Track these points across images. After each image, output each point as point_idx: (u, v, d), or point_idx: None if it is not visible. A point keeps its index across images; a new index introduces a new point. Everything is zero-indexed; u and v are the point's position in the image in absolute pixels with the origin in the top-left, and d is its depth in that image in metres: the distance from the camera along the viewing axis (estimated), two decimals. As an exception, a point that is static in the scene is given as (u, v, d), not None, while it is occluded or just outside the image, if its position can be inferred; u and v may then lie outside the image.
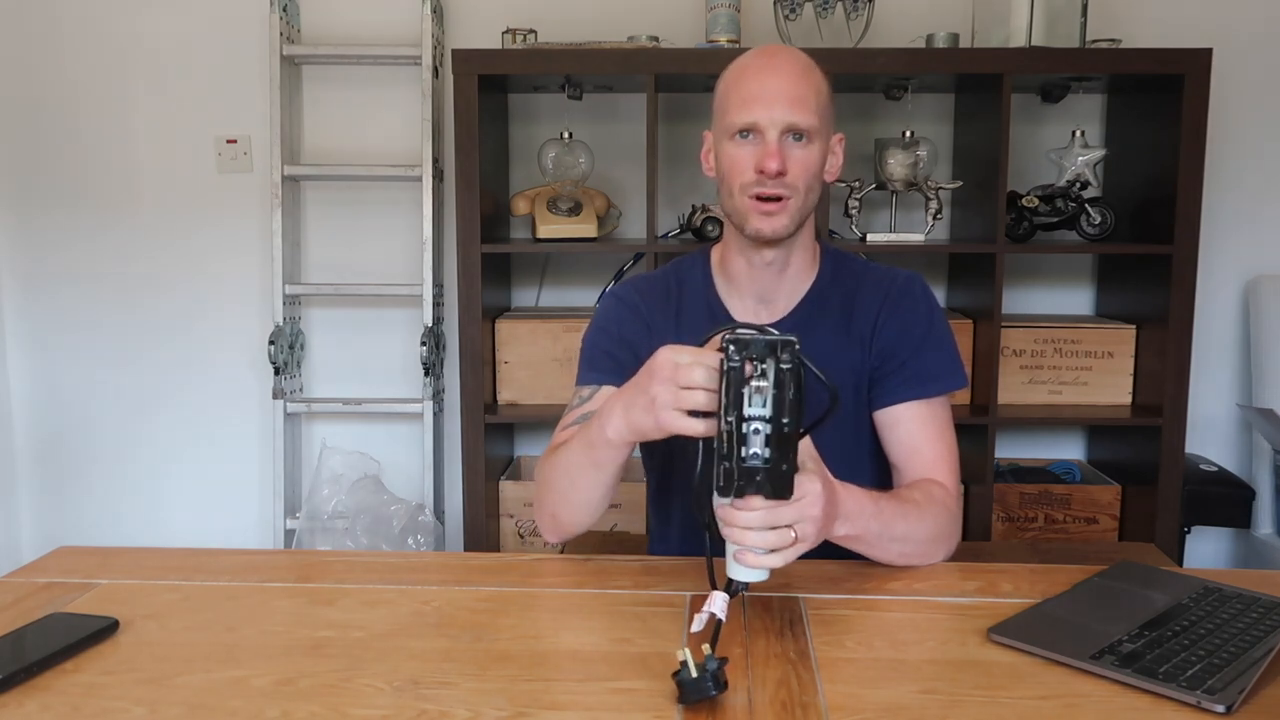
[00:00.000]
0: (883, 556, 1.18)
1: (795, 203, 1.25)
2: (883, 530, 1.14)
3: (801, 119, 1.22)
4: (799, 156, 1.23)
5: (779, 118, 1.22)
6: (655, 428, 0.98)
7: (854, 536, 1.12)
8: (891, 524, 1.15)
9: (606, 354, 1.34)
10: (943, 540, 1.22)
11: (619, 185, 2.56)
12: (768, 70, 1.24)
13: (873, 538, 1.14)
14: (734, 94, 1.25)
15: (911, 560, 1.20)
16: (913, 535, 1.18)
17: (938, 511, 1.22)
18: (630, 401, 1.03)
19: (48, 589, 1.12)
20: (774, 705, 0.86)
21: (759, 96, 1.22)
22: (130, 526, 2.78)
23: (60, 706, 0.86)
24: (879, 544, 1.16)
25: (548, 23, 2.47)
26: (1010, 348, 2.39)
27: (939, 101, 2.56)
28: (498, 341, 2.41)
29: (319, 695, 0.88)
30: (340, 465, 2.52)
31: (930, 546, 1.21)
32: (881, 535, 1.14)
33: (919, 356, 1.30)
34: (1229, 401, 2.63)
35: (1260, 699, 0.86)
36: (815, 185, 1.27)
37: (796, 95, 1.22)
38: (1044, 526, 2.42)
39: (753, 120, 1.23)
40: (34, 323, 2.73)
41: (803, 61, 1.26)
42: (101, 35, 2.62)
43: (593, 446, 1.11)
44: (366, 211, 2.67)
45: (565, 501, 1.21)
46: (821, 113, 1.25)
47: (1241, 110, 2.53)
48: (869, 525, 1.12)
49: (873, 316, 1.32)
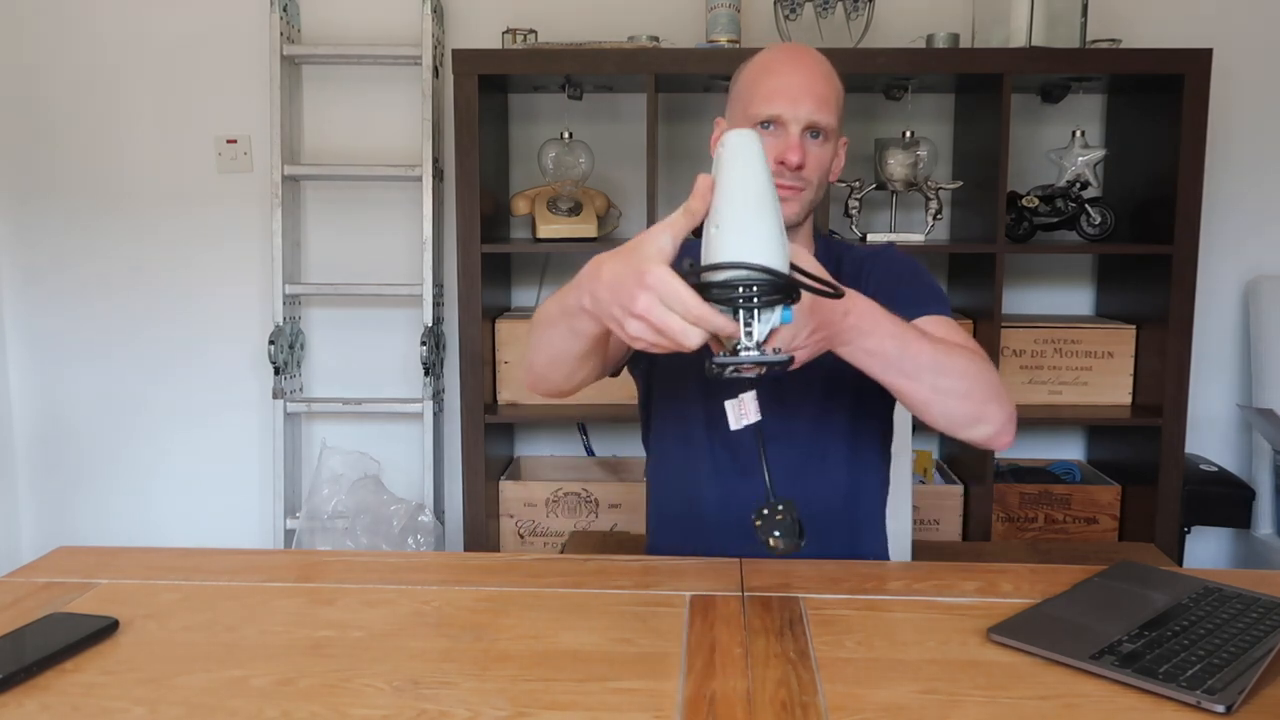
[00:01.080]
0: (916, 393, 1.10)
1: (807, 195, 1.29)
2: (903, 352, 1.06)
3: (823, 118, 1.26)
4: (816, 153, 1.28)
5: (803, 114, 1.25)
6: (621, 330, 0.94)
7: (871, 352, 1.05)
8: (915, 345, 1.07)
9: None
10: (988, 387, 1.13)
11: (619, 185, 2.56)
12: (796, 67, 1.28)
13: (894, 357, 1.06)
14: (761, 85, 1.28)
15: (957, 404, 1.12)
16: (945, 366, 1.10)
17: (972, 357, 1.14)
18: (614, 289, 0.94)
19: (47, 589, 1.12)
20: (774, 705, 0.86)
21: (785, 90, 1.26)
22: (130, 526, 2.78)
23: (60, 706, 0.86)
24: (904, 369, 1.07)
25: (548, 23, 2.47)
26: (1010, 348, 2.39)
27: (939, 101, 2.56)
28: (498, 341, 2.41)
29: (319, 695, 0.88)
30: (340, 465, 2.52)
31: (974, 386, 1.12)
32: (905, 356, 1.06)
33: (908, 289, 1.29)
34: (1229, 401, 2.63)
35: (1260, 699, 0.86)
36: (824, 182, 1.32)
37: (821, 94, 1.26)
38: (1044, 526, 2.42)
39: (777, 113, 1.26)
40: (34, 323, 2.74)
41: (826, 63, 1.31)
42: (101, 35, 2.62)
43: (569, 314, 1.06)
44: (366, 211, 2.67)
45: (540, 352, 1.16)
46: (839, 114, 1.29)
47: (1241, 110, 2.53)
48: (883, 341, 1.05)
49: (854, 281, 1.30)
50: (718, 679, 0.90)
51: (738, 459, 1.34)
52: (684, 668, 0.93)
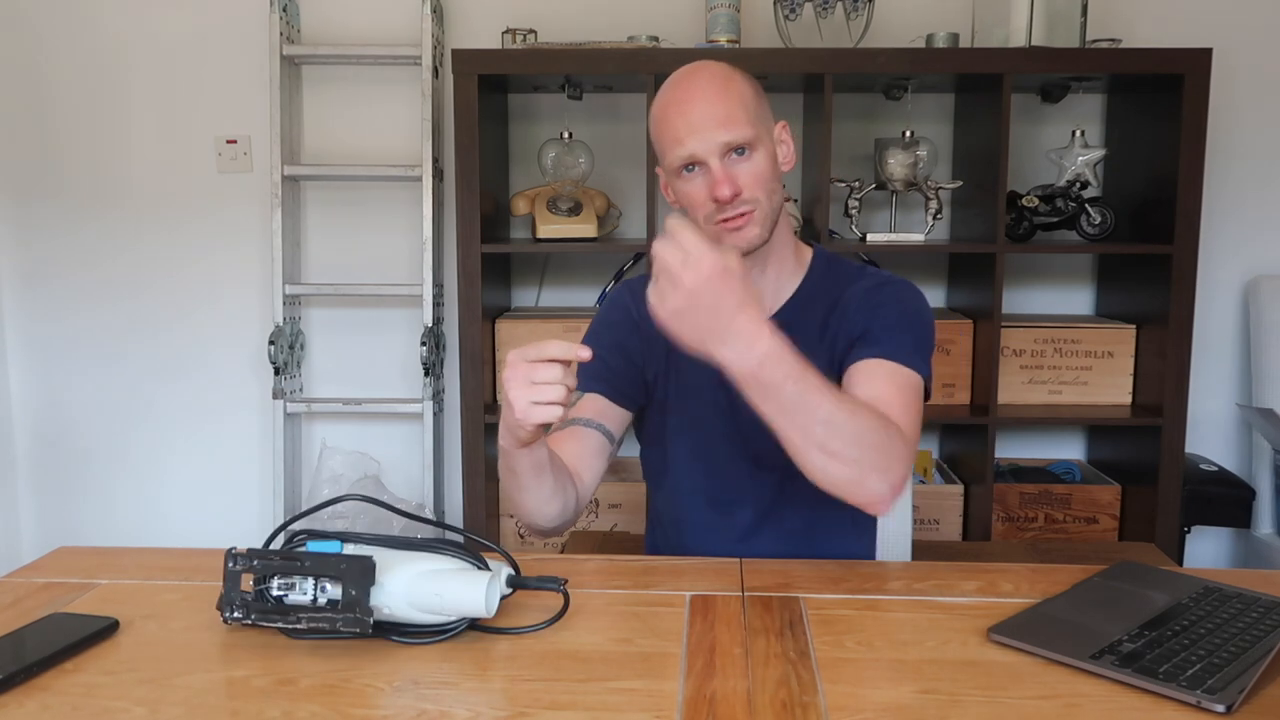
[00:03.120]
0: (800, 443, 1.05)
1: (760, 212, 1.24)
2: (801, 397, 1.02)
3: (735, 135, 1.21)
4: (746, 170, 1.23)
5: (714, 142, 1.21)
6: (520, 424, 1.05)
7: (764, 385, 1.02)
8: (814, 397, 1.03)
9: (598, 358, 1.34)
10: (880, 454, 1.08)
11: (619, 185, 2.56)
12: (686, 100, 1.23)
13: (789, 401, 1.02)
14: (665, 134, 1.25)
15: (835, 468, 1.06)
16: (841, 425, 1.05)
17: (881, 425, 1.09)
18: (504, 412, 1.09)
19: (48, 589, 1.12)
20: (774, 705, 0.86)
21: (686, 128, 1.21)
22: (130, 526, 2.78)
23: (60, 706, 0.86)
24: (796, 416, 1.03)
25: (548, 23, 2.47)
26: (1010, 348, 2.39)
27: (939, 101, 2.56)
28: (498, 341, 2.41)
29: (319, 695, 0.88)
30: (340, 465, 2.52)
31: (862, 453, 1.06)
32: (801, 404, 1.03)
33: (892, 333, 1.26)
34: (1229, 401, 2.63)
35: (1260, 699, 0.86)
36: (775, 186, 1.27)
37: (723, 113, 1.21)
38: (1044, 526, 2.42)
39: (689, 154, 1.22)
40: (34, 323, 2.74)
41: (718, 76, 1.24)
42: (101, 35, 2.62)
43: (503, 454, 1.16)
44: (366, 211, 2.67)
45: (513, 502, 1.24)
46: (754, 119, 1.23)
47: (1241, 110, 2.53)
48: (783, 379, 1.01)
49: (848, 312, 1.30)
50: (718, 679, 0.90)
51: (721, 493, 1.36)
52: (684, 668, 0.93)
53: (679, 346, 1.03)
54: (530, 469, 1.16)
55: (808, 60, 2.23)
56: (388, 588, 0.95)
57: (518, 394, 1.03)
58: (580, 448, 1.30)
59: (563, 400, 1.03)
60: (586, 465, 1.30)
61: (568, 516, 1.26)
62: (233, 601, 0.97)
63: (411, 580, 0.96)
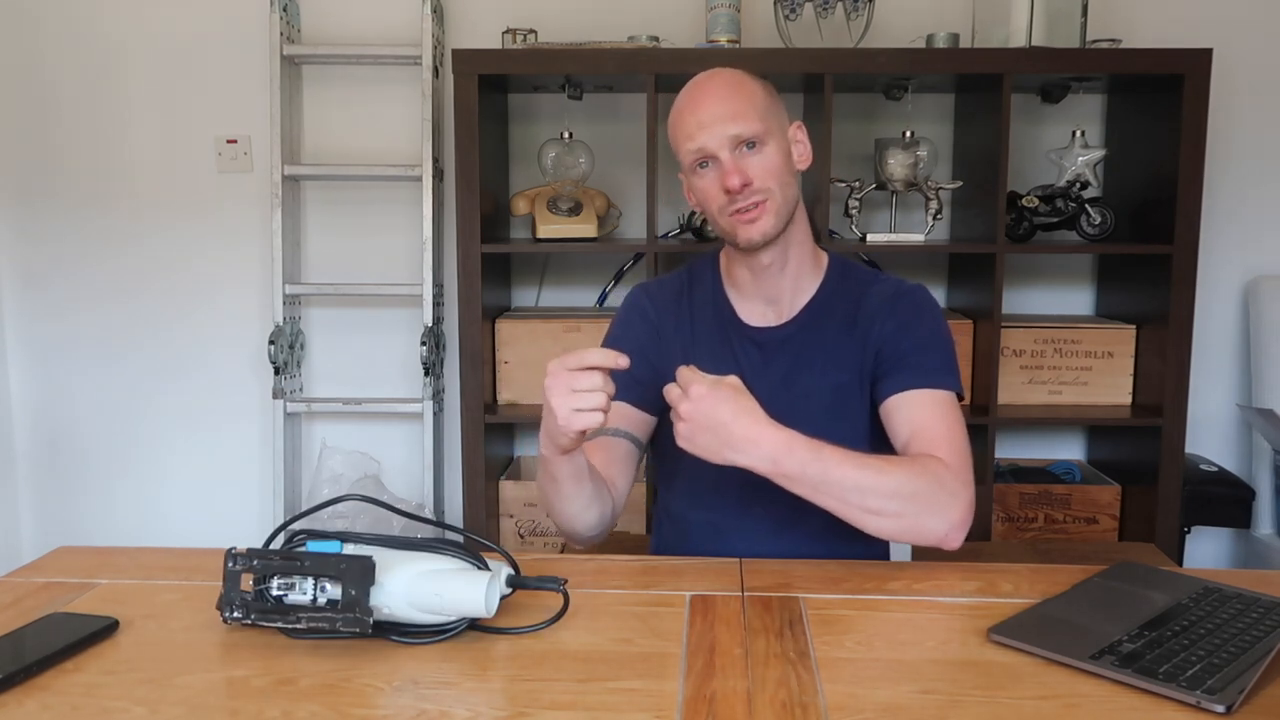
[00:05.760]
0: (844, 511, 1.15)
1: (773, 202, 1.28)
2: (825, 475, 1.12)
3: (744, 128, 1.25)
4: (757, 162, 1.27)
5: (723, 136, 1.26)
6: (563, 431, 1.08)
7: (788, 476, 1.12)
8: (836, 472, 1.13)
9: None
10: (926, 498, 1.17)
11: (619, 185, 2.56)
12: (698, 100, 1.29)
13: (815, 482, 1.13)
14: (679, 133, 1.30)
15: (885, 523, 1.16)
16: (873, 487, 1.14)
17: (918, 473, 1.18)
18: (545, 421, 1.12)
19: (47, 589, 1.12)
20: (774, 705, 0.86)
21: (698, 124, 1.27)
22: (130, 526, 2.78)
23: (60, 706, 0.86)
24: (829, 491, 1.13)
25: (548, 23, 2.47)
26: (1010, 348, 2.39)
27: (939, 101, 2.56)
28: (498, 341, 2.41)
29: (319, 695, 0.88)
30: (340, 465, 2.52)
31: (903, 504, 1.16)
32: (827, 482, 1.13)
33: (922, 353, 1.31)
34: (1229, 401, 2.62)
35: (1260, 699, 0.86)
36: (788, 179, 1.30)
37: (733, 109, 1.26)
38: (1044, 526, 2.42)
39: (700, 147, 1.27)
40: (34, 323, 2.73)
41: (731, 78, 1.30)
42: (102, 34, 2.62)
43: (543, 461, 1.19)
44: (366, 211, 2.67)
45: (552, 510, 1.27)
46: (765, 114, 1.27)
47: (1241, 110, 2.53)
48: (802, 467, 1.11)
49: (876, 317, 1.34)
50: (718, 679, 0.90)
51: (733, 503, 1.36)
52: (684, 668, 0.93)
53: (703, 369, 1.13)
54: (571, 476, 1.19)
55: (808, 60, 2.23)
56: (388, 587, 0.95)
57: (560, 401, 1.06)
58: (610, 456, 1.32)
59: (603, 406, 1.06)
60: (619, 472, 1.32)
61: (605, 523, 1.28)
62: (233, 601, 0.97)
63: (411, 580, 0.96)
